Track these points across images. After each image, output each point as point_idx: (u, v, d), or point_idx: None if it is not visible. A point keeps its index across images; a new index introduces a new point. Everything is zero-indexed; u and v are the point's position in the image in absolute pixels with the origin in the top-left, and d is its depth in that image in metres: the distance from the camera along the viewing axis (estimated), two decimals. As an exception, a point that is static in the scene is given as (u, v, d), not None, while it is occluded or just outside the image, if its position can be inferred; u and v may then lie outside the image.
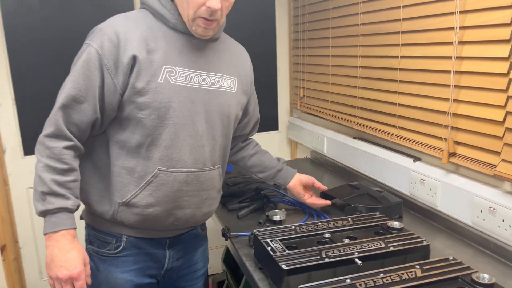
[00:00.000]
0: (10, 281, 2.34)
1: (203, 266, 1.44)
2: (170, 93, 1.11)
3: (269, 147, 2.70)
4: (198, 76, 1.17)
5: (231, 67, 1.26)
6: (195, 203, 1.22)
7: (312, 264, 1.04)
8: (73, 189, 1.08)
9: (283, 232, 1.24)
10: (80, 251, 1.07)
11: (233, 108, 1.26)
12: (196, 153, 1.18)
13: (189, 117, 1.15)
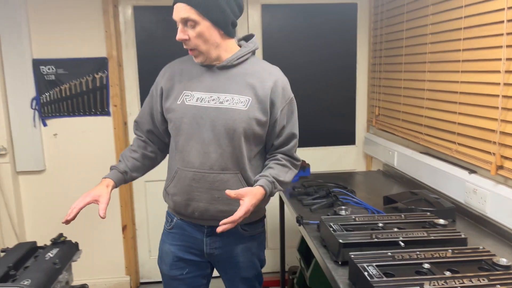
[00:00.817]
0: (127, 255, 2.92)
1: (247, 266, 1.58)
2: (183, 111, 1.45)
3: (346, 160, 3.01)
4: (209, 97, 1.43)
5: (246, 88, 1.43)
6: (206, 198, 1.47)
7: (364, 241, 1.35)
8: (129, 160, 1.56)
9: (344, 219, 1.56)
10: (94, 189, 1.44)
11: (241, 123, 1.41)
12: (202, 157, 1.44)
13: (197, 129, 1.44)
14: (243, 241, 1.55)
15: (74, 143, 2.75)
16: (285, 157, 1.53)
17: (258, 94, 1.43)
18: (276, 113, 1.46)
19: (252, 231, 1.57)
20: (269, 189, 1.43)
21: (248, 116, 1.42)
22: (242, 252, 1.56)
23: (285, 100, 1.48)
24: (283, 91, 1.47)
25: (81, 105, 2.71)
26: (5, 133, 2.61)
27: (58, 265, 1.35)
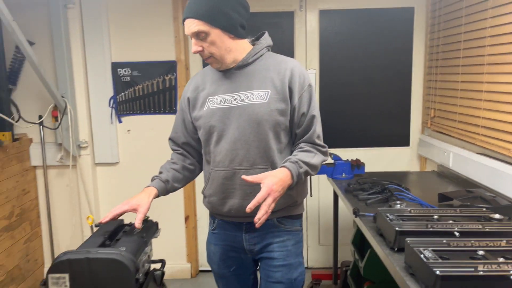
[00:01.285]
0: (189, 244, 3.14)
1: (283, 259, 1.56)
2: (210, 115, 1.51)
3: (400, 161, 3.06)
4: (231, 97, 1.49)
5: (264, 82, 1.49)
6: (240, 195, 1.51)
7: (419, 230, 1.45)
8: (169, 171, 1.64)
9: (400, 211, 1.66)
10: (134, 197, 1.54)
11: (264, 115, 1.46)
12: (231, 155, 1.49)
13: (224, 129, 1.49)
14: (279, 235, 1.57)
15: (144, 138, 3.02)
16: (308, 144, 1.53)
17: (276, 85, 1.47)
18: (294, 100, 1.49)
19: (289, 225, 1.59)
20: (293, 169, 1.42)
21: (269, 108, 1.46)
22: (278, 247, 1.57)
23: (302, 87, 1.50)
24: (299, 78, 1.49)
25: (151, 104, 2.97)
26: (87, 128, 2.92)
27: (145, 238, 1.55)
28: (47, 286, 1.31)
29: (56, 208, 3.04)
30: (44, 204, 3.02)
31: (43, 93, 2.83)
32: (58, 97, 2.71)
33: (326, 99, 3.08)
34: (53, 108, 2.83)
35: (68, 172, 2.98)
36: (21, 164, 2.85)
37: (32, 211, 2.97)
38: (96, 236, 1.53)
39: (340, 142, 3.09)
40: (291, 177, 1.41)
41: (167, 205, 2.92)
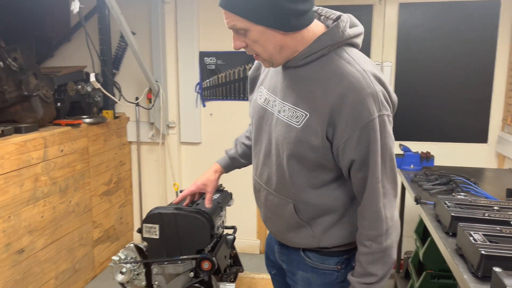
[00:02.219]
0: (259, 222, 3.38)
1: None
2: (254, 109, 1.28)
3: (475, 158, 3.01)
4: (273, 101, 1.19)
5: (306, 99, 1.10)
6: (263, 212, 1.33)
7: (474, 217, 1.51)
8: (241, 146, 1.54)
9: (460, 200, 1.72)
10: (202, 176, 1.54)
11: (289, 144, 1.12)
12: (261, 167, 1.25)
13: (259, 134, 1.24)
14: (304, 268, 1.27)
15: (224, 122, 3.29)
16: (366, 232, 1.12)
17: (318, 109, 1.07)
18: (338, 140, 1.07)
19: (316, 262, 1.24)
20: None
21: (299, 137, 1.10)
22: (301, 281, 1.29)
23: (355, 125, 1.04)
24: (352, 110, 1.03)
25: (232, 90, 3.23)
26: (175, 110, 3.28)
27: (220, 204, 1.79)
28: (142, 233, 1.60)
29: (145, 179, 3.45)
30: (136, 175, 3.45)
31: (140, 77, 3.23)
32: (152, 81, 3.08)
33: (401, 92, 3.11)
34: (148, 91, 3.21)
35: (157, 149, 3.37)
36: (120, 139, 3.29)
37: (126, 180, 3.41)
38: (180, 199, 1.80)
39: (413, 135, 3.11)
40: None
41: (240, 183, 3.18)
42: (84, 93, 3.00)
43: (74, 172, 2.71)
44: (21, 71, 2.45)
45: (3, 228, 2.15)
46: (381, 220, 1.10)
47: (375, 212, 1.10)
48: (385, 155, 1.08)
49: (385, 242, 1.11)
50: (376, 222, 1.10)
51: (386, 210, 1.10)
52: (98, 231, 3.03)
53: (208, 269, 1.53)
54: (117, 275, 1.60)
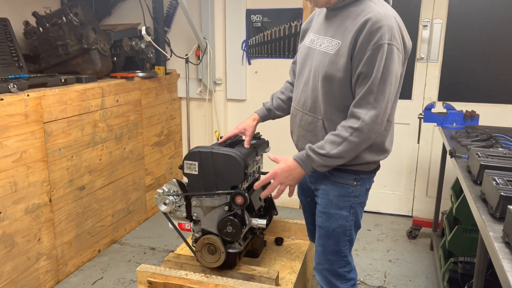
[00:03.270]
0: (300, 178, 3.49)
1: (323, 207, 1.54)
2: (301, 51, 1.59)
3: None
4: (317, 39, 1.50)
5: (339, 31, 1.41)
6: (296, 134, 1.61)
7: (503, 166, 1.51)
8: (276, 100, 1.85)
9: (493, 152, 1.71)
10: (243, 122, 1.86)
11: (324, 67, 1.42)
12: (299, 96, 1.56)
13: (303, 69, 1.54)
14: (325, 182, 1.54)
15: (269, 79, 3.38)
16: (345, 124, 1.38)
17: (346, 37, 1.38)
18: (355, 58, 1.36)
19: (337, 178, 1.52)
20: (302, 161, 1.43)
21: (331, 61, 1.40)
22: (321, 193, 1.57)
23: (369, 46, 1.32)
24: (369, 33, 1.32)
25: (278, 48, 3.29)
26: (222, 67, 3.40)
27: (256, 148, 1.92)
28: (183, 169, 1.77)
29: (194, 133, 3.66)
30: (185, 130, 3.66)
31: (190, 35, 3.37)
32: (201, 38, 3.20)
33: (451, 51, 3.02)
34: (196, 48, 3.36)
35: (205, 105, 3.54)
36: (170, 94, 3.48)
37: (177, 134, 3.63)
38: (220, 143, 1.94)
39: (461, 95, 3.03)
40: (303, 170, 1.44)
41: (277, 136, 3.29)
42: (137, 49, 3.20)
43: (128, 121, 2.94)
44: (82, 25, 2.67)
45: (67, 166, 2.43)
46: (359, 119, 1.35)
47: (358, 113, 1.36)
48: (385, 77, 1.33)
49: (351, 136, 1.36)
50: (355, 120, 1.37)
51: (366, 117, 1.34)
52: (150, 178, 3.29)
53: (241, 203, 1.68)
54: (161, 205, 1.78)
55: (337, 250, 1.55)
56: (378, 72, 1.32)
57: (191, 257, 1.94)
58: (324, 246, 1.57)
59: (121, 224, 2.99)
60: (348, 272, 1.59)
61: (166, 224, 3.26)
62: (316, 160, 1.41)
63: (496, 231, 1.19)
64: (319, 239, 1.58)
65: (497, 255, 1.07)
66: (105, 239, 2.83)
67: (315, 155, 1.41)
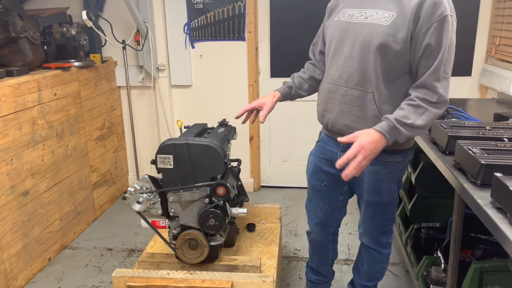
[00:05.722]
0: (252, 161, 3.48)
1: (372, 184, 1.61)
2: (336, 27, 1.56)
3: (460, 90, 3.12)
4: (358, 13, 1.49)
5: (393, 3, 1.41)
6: (336, 111, 1.57)
7: (471, 135, 1.62)
8: (297, 79, 1.80)
9: (454, 123, 1.82)
10: (263, 98, 1.77)
11: (378, 38, 1.41)
12: (340, 70, 1.53)
13: (342, 43, 1.52)
14: (373, 162, 1.47)
15: (215, 63, 3.28)
16: (420, 95, 1.41)
17: (404, 9, 1.38)
18: (419, 30, 1.38)
19: (384, 157, 1.55)
20: (387, 133, 1.38)
21: (386, 32, 1.40)
22: (368, 173, 1.60)
23: (434, 17, 1.36)
24: (433, 6, 1.35)
25: (222, 30, 3.19)
26: (164, 52, 3.23)
27: (227, 136, 1.85)
28: (156, 164, 1.65)
29: (137, 124, 3.46)
30: (127, 120, 3.44)
31: (125, 19, 3.14)
32: (141, 22, 3.00)
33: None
34: (135, 33, 3.14)
35: (147, 92, 3.35)
36: (109, 84, 3.24)
37: (118, 125, 3.41)
38: (188, 133, 1.84)
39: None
40: (386, 141, 1.39)
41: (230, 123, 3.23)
42: (69, 36, 2.92)
43: (68, 116, 2.69)
44: (6, 12, 2.35)
45: (7, 170, 2.16)
46: (436, 92, 1.40)
47: (433, 86, 1.39)
48: (450, 47, 1.39)
49: (431, 106, 1.40)
50: (431, 92, 1.40)
51: (441, 89, 1.40)
52: (96, 175, 3.06)
53: (223, 194, 1.62)
54: (134, 204, 1.66)
55: (385, 214, 1.70)
56: (446, 43, 1.37)
57: (167, 254, 1.85)
58: (373, 215, 1.69)
59: (70, 228, 2.76)
60: (391, 228, 1.77)
61: (118, 222, 3.11)
62: (402, 131, 1.40)
63: (482, 198, 1.27)
64: (367, 211, 1.69)
65: (494, 221, 1.14)
66: (54, 245, 2.59)
67: (402, 125, 1.40)
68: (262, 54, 3.28)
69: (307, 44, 1.84)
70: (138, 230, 2.94)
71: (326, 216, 1.84)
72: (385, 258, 1.84)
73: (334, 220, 1.87)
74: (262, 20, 3.22)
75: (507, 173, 1.24)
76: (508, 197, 1.13)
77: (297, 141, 3.43)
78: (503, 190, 1.16)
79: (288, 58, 3.25)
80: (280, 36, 3.23)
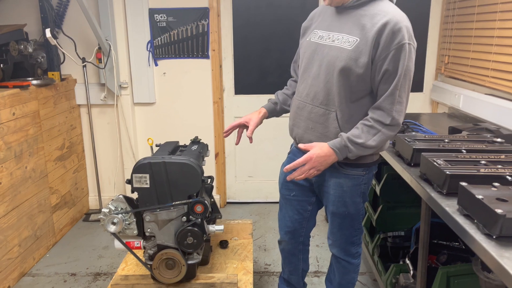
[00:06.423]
0: (218, 178, 3.48)
1: (338, 196, 1.67)
2: (307, 47, 1.65)
3: (413, 105, 3.31)
4: (327, 35, 1.58)
5: (357, 29, 1.49)
6: (303, 127, 1.66)
7: (432, 148, 1.74)
8: (281, 95, 1.87)
9: (416, 136, 1.94)
10: (249, 114, 1.81)
11: (341, 61, 1.49)
12: (308, 89, 1.62)
13: (311, 63, 1.61)
14: (337, 176, 1.63)
15: (179, 81, 3.28)
16: (375, 116, 1.51)
17: (366, 35, 1.46)
18: (379, 56, 1.45)
19: (348, 170, 1.64)
20: (338, 150, 1.50)
21: (349, 56, 1.48)
22: (333, 185, 1.67)
23: (392, 45, 1.43)
24: (392, 34, 1.42)
25: (185, 48, 3.21)
26: (127, 70, 3.19)
27: (201, 153, 1.86)
28: (131, 183, 1.63)
29: (98, 143, 3.36)
30: (88, 139, 3.34)
31: (85, 37, 3.08)
32: (103, 39, 2.95)
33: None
34: (97, 50, 3.08)
35: (108, 111, 3.28)
36: (69, 102, 3.15)
37: (78, 145, 3.30)
38: (161, 151, 1.83)
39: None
40: (336, 157, 1.52)
41: (200, 141, 3.23)
42: (26, 54, 2.82)
43: (27, 136, 2.58)
44: (-40, 28, 2.24)
45: (-37, 195, 2.04)
46: (389, 115, 1.49)
47: (388, 109, 1.49)
48: (406, 74, 1.47)
49: (383, 128, 1.51)
50: (385, 115, 1.50)
51: (394, 112, 1.49)
52: (55, 197, 2.94)
53: (201, 211, 1.62)
54: (109, 226, 1.63)
55: (352, 225, 1.75)
56: (402, 69, 1.45)
57: (141, 276, 1.81)
58: (341, 226, 1.74)
59: (29, 253, 2.62)
60: (359, 238, 1.81)
61: (80, 245, 2.99)
62: (352, 150, 1.51)
63: (450, 206, 1.37)
64: (334, 222, 1.75)
65: (463, 227, 1.23)
66: (13, 273, 2.45)
67: (353, 144, 1.50)
68: (226, 72, 3.33)
69: (270, 62, 1.91)
70: (103, 252, 2.84)
71: (295, 225, 1.89)
72: (355, 268, 1.90)
73: (303, 230, 1.92)
74: (225, 38, 3.27)
75: (470, 182, 1.35)
76: (474, 204, 1.23)
77: (262, 156, 3.48)
78: (469, 198, 1.26)
79: (251, 75, 3.31)
80: (244, 54, 3.29)
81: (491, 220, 1.14)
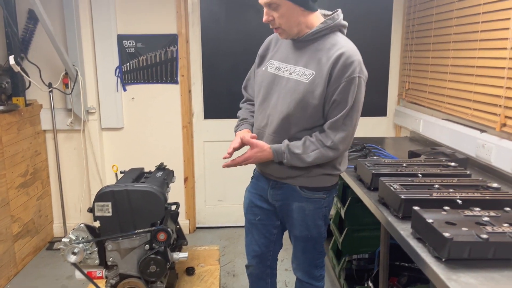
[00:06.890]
0: (187, 202, 3.47)
1: (301, 219, 1.72)
2: (264, 77, 1.68)
3: (378, 129, 3.42)
4: (284, 67, 1.63)
5: (313, 62, 1.56)
6: None
7: (390, 173, 1.80)
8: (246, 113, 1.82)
9: (376, 161, 2.01)
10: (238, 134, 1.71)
11: (298, 94, 1.56)
12: (266, 119, 1.66)
13: (269, 94, 1.65)
14: (299, 199, 1.69)
15: (147, 106, 3.28)
16: (318, 135, 1.59)
17: (322, 69, 1.53)
18: (331, 87, 1.53)
19: (310, 194, 1.70)
20: (276, 153, 1.60)
21: (306, 89, 1.55)
22: (296, 209, 1.72)
23: (343, 78, 1.51)
24: (343, 68, 1.50)
25: (154, 74, 3.23)
26: (95, 95, 3.17)
27: (166, 180, 1.86)
28: (93, 212, 1.62)
29: (64, 169, 3.30)
30: (53, 165, 3.28)
31: (53, 62, 3.06)
32: (70, 65, 2.94)
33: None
34: (64, 76, 3.06)
35: (75, 136, 3.24)
36: (34, 128, 3.09)
37: (43, 171, 3.23)
38: (125, 179, 1.83)
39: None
40: (273, 158, 1.62)
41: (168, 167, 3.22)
42: (-10, 79, 2.78)
43: (-12, 163, 2.52)
44: None
45: None
46: (330, 139, 1.57)
47: (331, 134, 1.57)
48: (354, 105, 1.55)
49: (322, 148, 1.58)
50: (326, 137, 1.58)
51: (336, 138, 1.57)
52: (17, 225, 2.85)
53: (164, 239, 1.62)
54: (69, 256, 1.60)
55: (315, 248, 1.79)
56: (350, 101, 1.53)
57: (104, 307, 1.77)
58: (304, 249, 1.79)
59: (-12, 286, 2.52)
60: (322, 261, 1.86)
61: (43, 275, 2.89)
62: (288, 157, 1.59)
63: (405, 229, 1.42)
64: (298, 246, 1.80)
65: (415, 250, 1.28)
66: (-31, 307, 2.35)
67: (289, 153, 1.59)
68: (195, 96, 3.36)
69: (240, 87, 1.94)
70: (66, 282, 2.76)
71: (262, 249, 1.91)
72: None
73: (270, 253, 1.94)
74: (194, 64, 3.32)
75: (424, 206, 1.41)
76: (425, 228, 1.28)
77: (232, 180, 3.49)
78: (421, 222, 1.31)
79: (221, 100, 3.35)
80: (213, 79, 3.34)
81: (440, 243, 1.19)
